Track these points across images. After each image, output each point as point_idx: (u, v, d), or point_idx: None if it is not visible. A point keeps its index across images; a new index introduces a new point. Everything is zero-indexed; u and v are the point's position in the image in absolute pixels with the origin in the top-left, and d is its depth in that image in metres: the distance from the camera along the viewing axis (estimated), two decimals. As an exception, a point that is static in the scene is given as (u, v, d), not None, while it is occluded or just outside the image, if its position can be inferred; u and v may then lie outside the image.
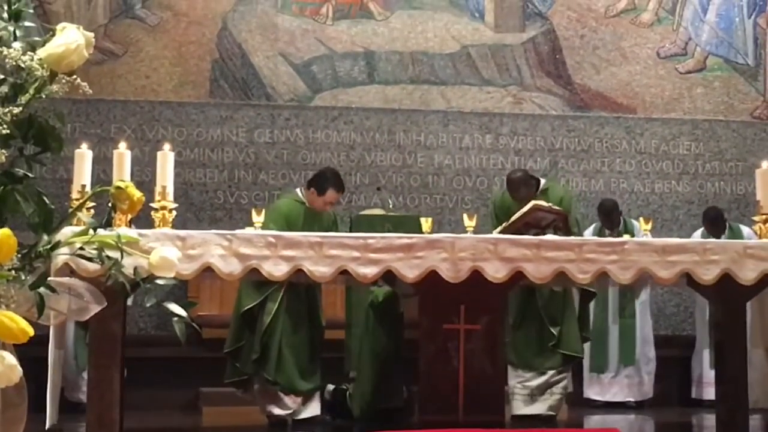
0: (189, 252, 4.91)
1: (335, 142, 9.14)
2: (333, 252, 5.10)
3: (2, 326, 2.03)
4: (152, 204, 5.10)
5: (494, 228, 6.84)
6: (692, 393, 8.52)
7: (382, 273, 5.16)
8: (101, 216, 2.53)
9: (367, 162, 9.17)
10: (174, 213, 5.20)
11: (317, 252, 5.08)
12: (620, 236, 6.30)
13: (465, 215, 5.78)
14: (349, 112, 9.23)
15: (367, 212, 7.98)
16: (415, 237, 5.24)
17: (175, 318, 2.40)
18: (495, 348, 5.35)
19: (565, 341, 7.03)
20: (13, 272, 2.19)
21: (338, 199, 7.11)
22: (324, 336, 6.82)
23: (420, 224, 5.78)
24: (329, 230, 6.41)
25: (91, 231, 2.36)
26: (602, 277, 5.40)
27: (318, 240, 5.13)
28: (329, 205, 6.87)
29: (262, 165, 9.01)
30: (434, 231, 5.68)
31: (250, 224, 5.50)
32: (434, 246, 5.16)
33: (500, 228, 6.56)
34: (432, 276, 5.13)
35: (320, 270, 5.09)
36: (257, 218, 5.44)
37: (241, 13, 9.21)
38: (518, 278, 5.30)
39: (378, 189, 9.00)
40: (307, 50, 9.27)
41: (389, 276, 5.27)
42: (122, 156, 5.14)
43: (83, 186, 4.99)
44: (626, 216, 8.64)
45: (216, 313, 7.82)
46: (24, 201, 2.28)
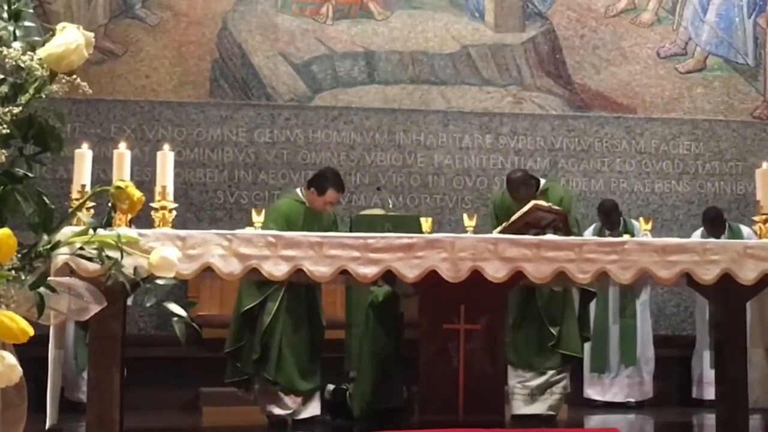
0: (189, 252, 4.91)
1: (335, 142, 9.14)
2: (333, 252, 5.10)
3: (2, 326, 2.03)
4: (152, 204, 5.09)
5: (494, 228, 6.84)
6: (693, 393, 8.52)
7: (382, 273, 5.16)
8: (101, 216, 2.53)
9: (367, 162, 9.17)
10: (174, 213, 5.20)
11: (317, 252, 5.08)
12: (620, 236, 6.30)
13: (465, 215, 5.77)
14: (349, 112, 9.22)
15: (367, 212, 7.97)
16: (415, 237, 5.23)
17: (175, 318, 2.40)
18: (495, 348, 5.35)
19: (565, 341, 7.04)
20: (13, 272, 2.19)
21: (338, 199, 7.11)
22: (324, 336, 6.83)
23: (420, 224, 5.78)
24: (329, 230, 6.40)
25: (91, 231, 2.36)
26: (602, 277, 5.40)
27: (318, 240, 5.13)
28: (329, 205, 6.86)
29: (262, 165, 9.01)
30: (434, 231, 5.67)
31: (250, 224, 5.50)
32: (434, 246, 5.16)
33: (500, 228, 6.56)
34: (432, 276, 5.13)
35: (320, 270, 5.09)
36: (257, 218, 5.44)
37: (241, 13, 9.21)
38: (518, 278, 5.30)
39: (378, 189, 8.99)
40: (307, 50, 9.26)
41: (389, 276, 5.27)
42: (122, 156, 5.14)
43: (83, 186, 4.99)
44: (626, 216, 8.64)
45: (216, 313, 7.82)
46: (24, 201, 2.28)
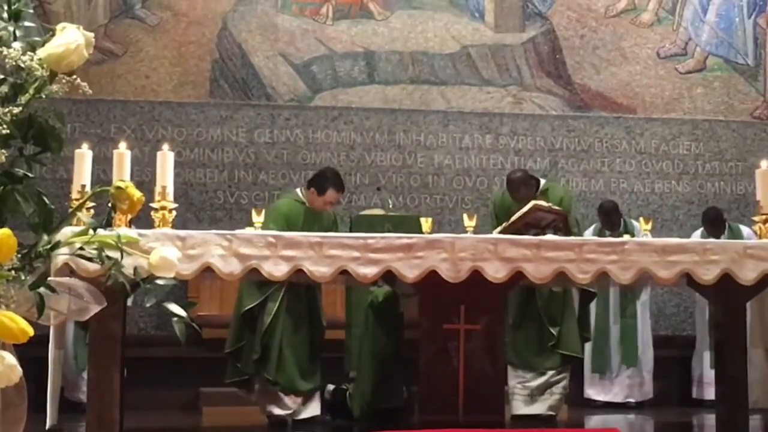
0: (189, 252, 4.91)
1: (335, 142, 9.14)
2: (333, 252, 5.10)
3: (2, 326, 2.03)
4: (152, 204, 5.09)
5: (494, 228, 6.84)
6: (693, 393, 8.52)
7: (382, 273, 5.16)
8: (101, 216, 2.53)
9: (367, 162, 9.17)
10: (174, 213, 5.20)
11: (317, 252, 5.08)
12: (620, 236, 6.30)
13: (465, 215, 5.77)
14: (349, 112, 9.22)
15: (367, 212, 7.97)
16: (415, 237, 5.23)
17: (175, 318, 2.40)
18: (495, 348, 5.35)
19: (565, 341, 7.04)
20: (13, 272, 2.19)
21: (338, 199, 7.11)
22: (324, 336, 6.83)
23: (420, 224, 5.78)
24: (329, 230, 6.41)
25: (91, 231, 2.36)
26: (602, 277, 5.40)
27: (318, 240, 5.13)
28: (329, 205, 6.86)
29: (262, 165, 9.01)
30: (434, 231, 5.67)
31: (250, 224, 5.50)
32: (434, 246, 5.16)
33: (500, 228, 6.56)
34: (432, 276, 5.13)
35: (320, 270, 5.09)
36: (257, 218, 5.44)
37: (241, 13, 9.21)
38: (518, 278, 5.30)
39: (378, 189, 8.99)
40: (307, 50, 9.26)
41: (389, 276, 5.26)
42: (122, 156, 5.14)
43: (83, 186, 4.99)
44: (626, 216, 8.64)
45: (216, 313, 7.82)
46: (24, 201, 2.28)
